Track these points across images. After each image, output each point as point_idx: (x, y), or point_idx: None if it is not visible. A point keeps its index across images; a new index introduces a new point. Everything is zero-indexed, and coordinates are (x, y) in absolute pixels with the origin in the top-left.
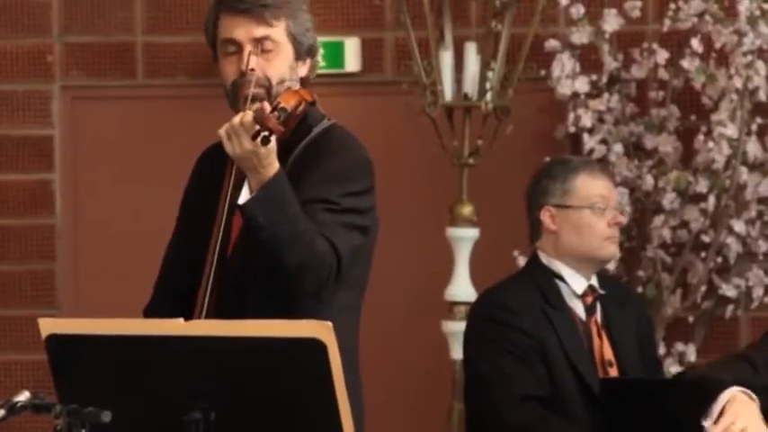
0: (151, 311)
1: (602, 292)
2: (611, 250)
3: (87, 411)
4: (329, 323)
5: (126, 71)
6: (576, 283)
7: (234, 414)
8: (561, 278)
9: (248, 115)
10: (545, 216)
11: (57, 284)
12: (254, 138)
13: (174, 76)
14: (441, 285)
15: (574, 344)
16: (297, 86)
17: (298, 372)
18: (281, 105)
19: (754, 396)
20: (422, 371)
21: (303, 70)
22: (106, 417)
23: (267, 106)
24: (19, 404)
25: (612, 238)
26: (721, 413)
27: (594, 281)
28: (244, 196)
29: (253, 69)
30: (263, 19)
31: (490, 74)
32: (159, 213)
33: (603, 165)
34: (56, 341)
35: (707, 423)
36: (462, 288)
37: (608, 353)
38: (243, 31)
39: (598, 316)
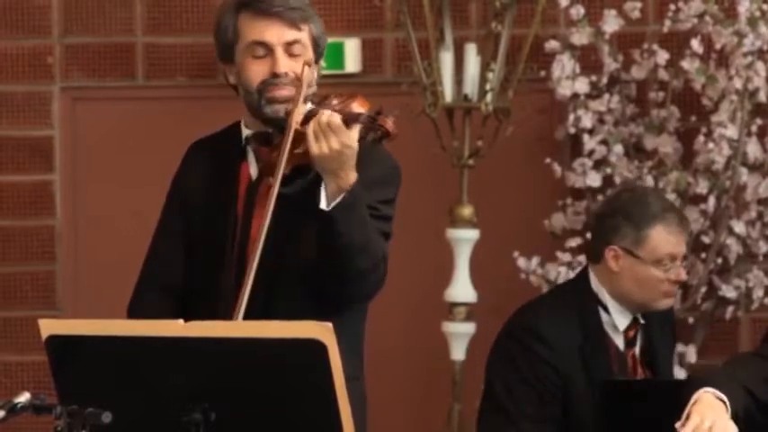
0: (143, 307)
1: (642, 322)
2: (666, 303)
3: (88, 412)
4: (329, 324)
5: (126, 72)
6: (619, 318)
7: (234, 415)
8: (606, 308)
9: (335, 116)
10: (609, 254)
11: (57, 285)
12: (362, 138)
13: (174, 77)
14: (441, 286)
15: None
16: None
17: (298, 373)
18: (381, 109)
19: (723, 397)
20: (422, 372)
21: (317, 72)
22: (106, 418)
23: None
24: (19, 405)
25: (671, 292)
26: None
27: (638, 313)
28: (323, 200)
29: (286, 73)
30: (293, 23)
31: (490, 75)
32: (159, 214)
33: (682, 214)
34: (56, 342)
35: (678, 425)
36: (462, 289)
37: None
38: (274, 34)
39: (637, 349)
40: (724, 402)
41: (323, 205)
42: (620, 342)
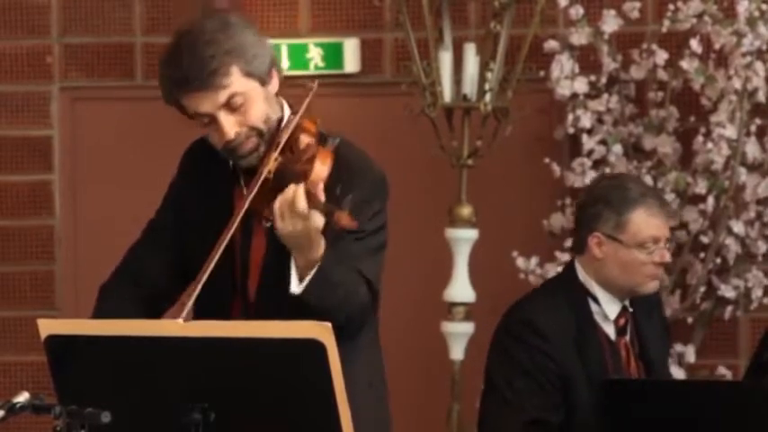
0: (118, 298)
1: (631, 310)
2: (652, 286)
3: (87, 412)
4: (328, 324)
5: (125, 72)
6: (609, 307)
7: (233, 415)
8: (595, 299)
9: (301, 199)
10: (592, 241)
11: (56, 285)
12: (324, 232)
13: None
14: (440, 286)
15: (601, 377)
16: (279, 110)
17: (297, 372)
18: (341, 199)
19: None
20: (421, 371)
21: (274, 86)
22: (105, 418)
23: (320, 200)
24: (18, 405)
25: (655, 275)
26: None
27: (627, 300)
28: (294, 281)
29: (238, 133)
30: (217, 86)
31: (489, 75)
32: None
33: (662, 198)
34: (55, 342)
35: None
36: (461, 289)
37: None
38: (207, 104)
39: (628, 337)
40: None
41: (294, 289)
42: (611, 331)
